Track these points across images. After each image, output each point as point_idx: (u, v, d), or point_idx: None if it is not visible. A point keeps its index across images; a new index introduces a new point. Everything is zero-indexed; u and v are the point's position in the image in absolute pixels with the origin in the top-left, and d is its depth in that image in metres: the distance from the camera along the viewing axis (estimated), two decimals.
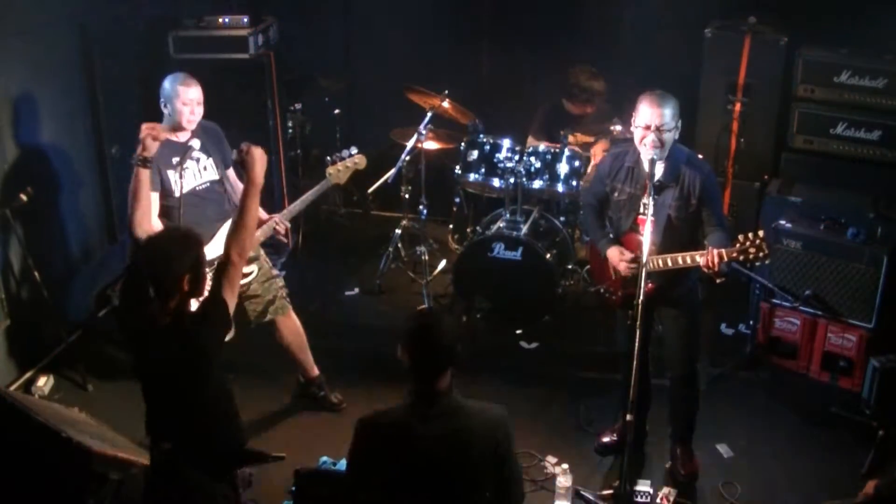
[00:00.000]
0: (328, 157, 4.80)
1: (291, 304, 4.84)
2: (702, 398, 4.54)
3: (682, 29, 6.15)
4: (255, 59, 5.99)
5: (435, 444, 2.93)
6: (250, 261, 4.58)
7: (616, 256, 4.23)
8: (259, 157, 3.58)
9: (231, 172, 4.66)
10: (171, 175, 4.36)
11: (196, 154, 4.46)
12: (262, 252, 4.76)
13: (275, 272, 4.82)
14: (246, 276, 4.56)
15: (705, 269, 3.92)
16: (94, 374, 5.27)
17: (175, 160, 4.36)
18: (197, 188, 4.48)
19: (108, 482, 3.80)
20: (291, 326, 4.84)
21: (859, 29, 5.60)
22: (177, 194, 4.29)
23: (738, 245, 3.87)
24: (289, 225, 4.65)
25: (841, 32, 5.62)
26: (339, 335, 5.64)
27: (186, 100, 4.36)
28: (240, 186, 4.49)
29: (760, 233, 3.85)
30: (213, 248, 4.43)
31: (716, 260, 3.86)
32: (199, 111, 4.44)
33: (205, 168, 4.52)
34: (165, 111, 4.41)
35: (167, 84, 4.41)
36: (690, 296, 4.27)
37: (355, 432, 3.02)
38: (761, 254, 3.84)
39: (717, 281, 4.01)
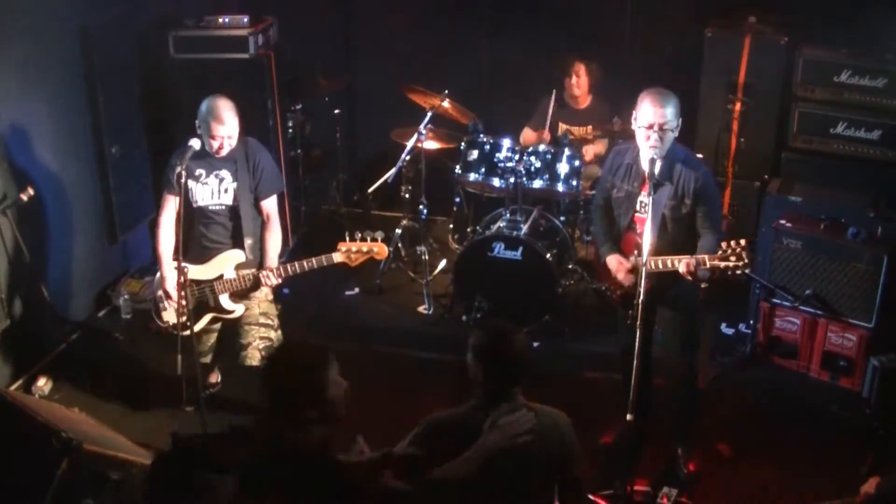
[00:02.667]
0: (355, 234, 4.39)
1: (292, 307, 4.81)
2: (702, 398, 4.54)
3: (682, 29, 6.15)
4: (255, 59, 5.99)
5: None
6: (240, 301, 4.55)
7: (615, 266, 4.24)
8: None
9: (267, 203, 4.56)
10: (192, 185, 4.41)
11: (223, 174, 4.45)
12: (260, 296, 4.60)
13: (264, 321, 4.63)
14: (229, 312, 4.54)
15: (683, 275, 3.93)
16: (94, 374, 5.26)
17: (199, 172, 4.42)
18: (209, 207, 4.49)
19: (108, 482, 3.79)
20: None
21: (859, 29, 5.60)
22: (193, 205, 4.39)
23: (720, 252, 3.87)
24: (277, 281, 4.48)
25: (841, 32, 5.62)
26: (339, 335, 5.63)
27: (216, 135, 4.36)
28: (272, 215, 4.52)
29: (742, 241, 3.85)
30: (206, 271, 4.47)
31: (691, 269, 3.88)
32: (230, 143, 4.40)
33: (225, 190, 4.48)
34: (199, 131, 4.39)
35: (203, 108, 4.38)
36: (688, 296, 4.26)
37: (423, 430, 3.01)
38: (740, 263, 3.83)
39: (702, 285, 4.02)
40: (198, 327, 4.50)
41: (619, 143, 4.79)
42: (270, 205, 4.57)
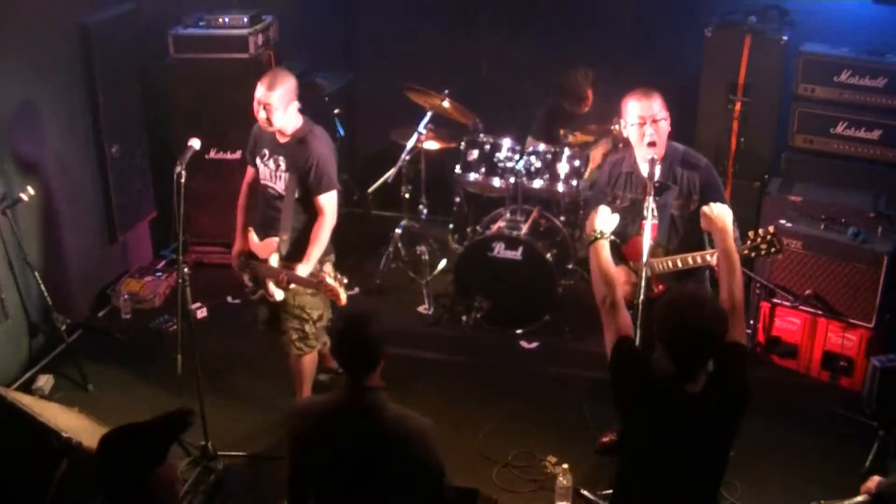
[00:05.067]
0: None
1: None
2: None
3: (682, 29, 6.15)
4: (255, 59, 5.98)
5: (355, 440, 2.96)
6: (283, 290, 4.45)
7: (622, 277, 4.23)
8: None
9: (319, 199, 4.38)
10: (258, 161, 4.48)
11: (280, 160, 4.42)
12: (299, 288, 4.45)
13: (298, 313, 4.53)
14: (272, 296, 4.44)
15: (716, 269, 3.90)
16: (94, 374, 5.27)
17: (264, 151, 4.46)
18: (268, 188, 4.51)
19: None
20: (293, 364, 4.73)
21: (859, 29, 5.59)
22: (261, 180, 4.48)
23: (749, 242, 3.85)
24: (280, 289, 4.40)
25: (841, 32, 5.62)
26: None
27: (255, 96, 4.32)
28: (323, 212, 4.37)
29: (771, 228, 3.84)
30: (261, 249, 4.50)
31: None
32: (268, 115, 4.27)
33: (279, 178, 4.44)
34: None
35: None
36: None
37: (287, 419, 3.11)
38: (773, 249, 3.80)
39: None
40: (257, 296, 4.59)
41: (613, 152, 4.78)
42: (322, 202, 4.38)
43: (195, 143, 4.39)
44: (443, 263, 6.21)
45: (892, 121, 5.37)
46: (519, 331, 5.66)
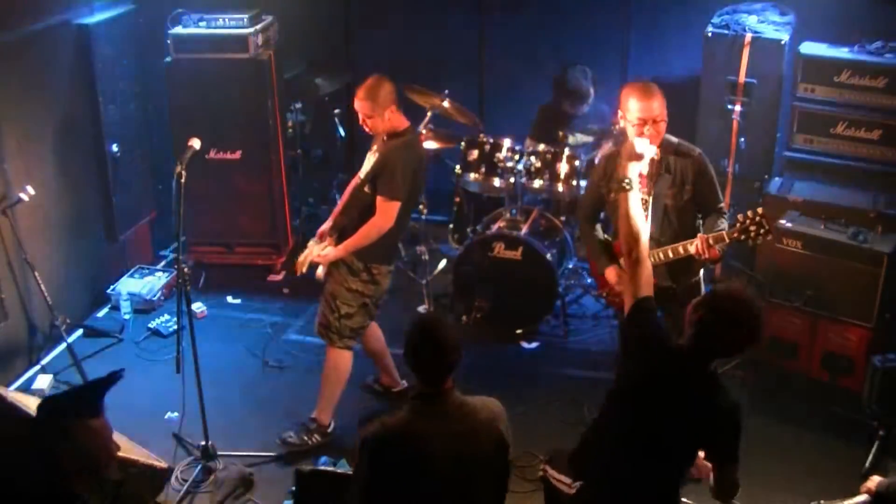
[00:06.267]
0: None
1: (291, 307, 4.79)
2: None
3: (682, 29, 6.15)
4: (255, 59, 5.98)
5: (446, 443, 2.94)
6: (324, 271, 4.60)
7: (614, 278, 4.24)
8: None
9: (381, 200, 4.41)
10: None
11: (371, 158, 4.56)
12: (340, 275, 4.54)
13: (329, 300, 4.57)
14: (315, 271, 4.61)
15: (696, 257, 3.90)
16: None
17: (374, 146, 4.61)
18: (359, 175, 4.63)
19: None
20: (330, 355, 4.69)
21: (860, 29, 5.59)
22: None
23: (738, 225, 3.83)
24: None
25: (841, 32, 5.61)
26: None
27: (356, 108, 4.49)
28: (377, 212, 4.41)
29: (760, 210, 3.82)
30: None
31: (703, 245, 3.84)
32: (366, 123, 4.46)
33: (368, 167, 4.55)
34: None
35: None
36: (694, 292, 4.24)
37: (363, 449, 2.99)
38: (762, 230, 3.78)
39: (713, 266, 3.97)
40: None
41: (606, 146, 4.77)
42: (379, 203, 4.41)
43: (195, 143, 4.39)
44: (443, 263, 6.21)
45: (892, 121, 5.37)
46: (519, 331, 5.66)
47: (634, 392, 3.15)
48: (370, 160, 4.55)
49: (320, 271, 4.55)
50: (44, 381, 5.16)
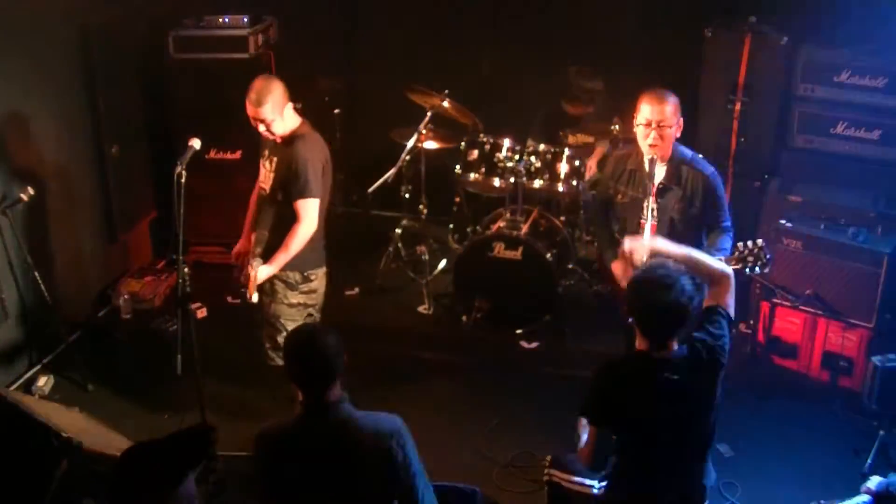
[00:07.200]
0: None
1: None
2: None
3: (682, 29, 6.15)
4: (255, 59, 5.98)
5: (323, 459, 2.90)
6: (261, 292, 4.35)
7: (620, 272, 4.24)
8: None
9: (297, 205, 4.24)
10: (261, 163, 4.47)
11: (275, 160, 4.37)
12: (279, 294, 4.41)
13: (272, 321, 4.45)
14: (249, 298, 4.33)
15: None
16: (94, 374, 5.27)
17: (266, 151, 4.46)
18: (261, 188, 4.48)
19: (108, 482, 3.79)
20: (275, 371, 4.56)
21: (859, 28, 5.59)
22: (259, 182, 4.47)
23: (736, 253, 3.87)
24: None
25: (841, 32, 5.61)
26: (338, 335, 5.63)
27: (249, 114, 4.29)
28: (299, 218, 4.26)
29: (759, 241, 3.85)
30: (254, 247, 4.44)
31: None
32: (268, 128, 4.24)
33: (269, 178, 4.39)
34: None
35: None
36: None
37: (254, 445, 2.99)
38: (759, 262, 3.83)
39: None
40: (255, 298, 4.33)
41: (619, 147, 4.78)
42: (299, 208, 4.26)
43: (195, 143, 4.38)
44: (443, 263, 6.21)
45: (892, 121, 5.37)
46: (519, 331, 5.66)
47: (638, 417, 3.27)
48: (268, 167, 4.41)
49: (255, 298, 4.25)
50: (44, 381, 5.15)
